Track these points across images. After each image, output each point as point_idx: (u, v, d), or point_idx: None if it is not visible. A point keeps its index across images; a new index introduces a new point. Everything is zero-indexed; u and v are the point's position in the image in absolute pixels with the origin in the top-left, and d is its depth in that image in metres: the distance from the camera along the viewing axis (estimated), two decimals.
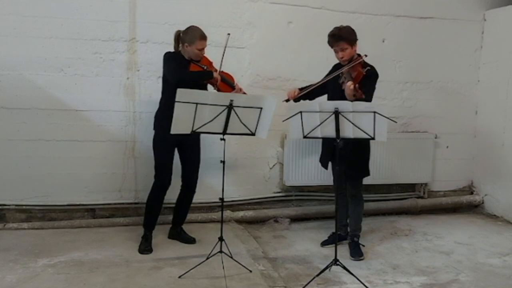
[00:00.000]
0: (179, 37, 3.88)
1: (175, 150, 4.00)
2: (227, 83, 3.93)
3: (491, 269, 3.77)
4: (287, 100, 3.87)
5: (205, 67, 3.86)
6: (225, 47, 3.89)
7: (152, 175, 3.96)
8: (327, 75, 3.93)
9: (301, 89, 3.94)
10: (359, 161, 3.91)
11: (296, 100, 3.91)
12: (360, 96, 3.46)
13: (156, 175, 3.95)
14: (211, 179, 4.61)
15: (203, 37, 3.81)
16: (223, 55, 3.86)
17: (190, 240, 4.11)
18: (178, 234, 4.17)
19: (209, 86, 4.00)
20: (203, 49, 3.83)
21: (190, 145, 3.99)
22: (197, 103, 3.27)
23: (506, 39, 5.09)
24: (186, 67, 3.82)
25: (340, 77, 3.74)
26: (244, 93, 3.94)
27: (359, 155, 3.89)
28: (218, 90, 3.87)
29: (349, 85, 3.49)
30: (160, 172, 3.93)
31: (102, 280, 3.31)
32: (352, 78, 3.56)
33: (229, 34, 3.93)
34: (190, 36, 3.81)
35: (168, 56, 3.84)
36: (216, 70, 3.87)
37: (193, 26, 3.85)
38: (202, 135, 3.86)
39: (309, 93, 3.90)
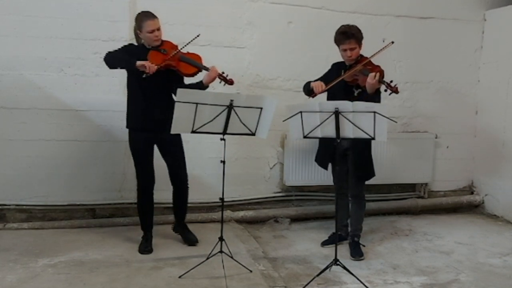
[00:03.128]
0: (135, 31, 3.76)
1: (152, 148, 3.87)
2: (189, 63, 3.73)
3: (491, 269, 3.77)
4: (314, 95, 3.73)
5: (162, 51, 3.68)
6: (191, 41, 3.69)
7: None
8: (329, 73, 3.90)
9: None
10: (368, 161, 3.91)
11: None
12: (396, 89, 3.45)
13: (137, 176, 3.89)
14: (211, 179, 4.61)
15: (148, 17, 3.63)
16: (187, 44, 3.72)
17: (192, 241, 4.02)
18: (182, 231, 4.10)
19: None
20: (154, 30, 3.62)
21: (169, 140, 3.81)
22: (197, 103, 3.27)
23: (506, 39, 5.08)
24: (138, 55, 3.62)
25: (348, 75, 3.70)
26: (222, 74, 3.73)
27: (367, 155, 3.89)
28: (178, 70, 3.70)
29: (373, 76, 3.47)
30: (140, 172, 3.86)
31: (102, 280, 3.31)
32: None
33: (199, 35, 3.74)
34: (138, 22, 3.67)
35: (123, 46, 3.78)
36: (177, 52, 3.67)
37: (140, 11, 3.71)
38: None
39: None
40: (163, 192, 4.03)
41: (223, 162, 3.52)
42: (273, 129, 3.77)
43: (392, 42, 3.68)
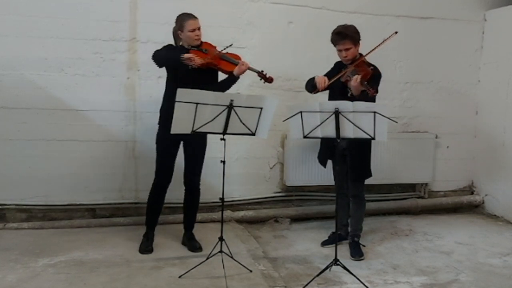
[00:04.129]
0: (175, 32, 3.85)
1: (178, 147, 3.90)
2: (230, 62, 3.85)
3: (491, 269, 3.77)
4: (317, 91, 3.76)
5: (204, 50, 3.78)
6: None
7: (152, 174, 3.96)
8: (332, 72, 3.90)
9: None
10: (364, 162, 3.91)
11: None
12: (372, 93, 3.45)
13: (155, 172, 3.91)
14: (211, 179, 4.59)
15: (190, 17, 3.74)
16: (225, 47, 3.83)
17: (196, 248, 3.93)
18: (188, 240, 4.02)
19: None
20: (195, 29, 3.74)
21: (194, 142, 3.86)
22: (198, 103, 3.27)
23: (506, 39, 5.09)
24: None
25: (342, 75, 3.71)
26: (261, 72, 3.90)
27: (363, 156, 3.89)
28: (220, 68, 3.82)
29: (355, 78, 3.48)
30: (158, 170, 3.89)
31: (102, 280, 3.31)
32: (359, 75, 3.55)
33: (231, 44, 3.88)
34: (179, 22, 3.77)
35: (163, 46, 3.85)
36: (216, 52, 3.80)
37: (181, 13, 3.80)
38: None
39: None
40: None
41: (223, 162, 3.52)
42: (273, 129, 3.78)
43: (396, 32, 3.66)
